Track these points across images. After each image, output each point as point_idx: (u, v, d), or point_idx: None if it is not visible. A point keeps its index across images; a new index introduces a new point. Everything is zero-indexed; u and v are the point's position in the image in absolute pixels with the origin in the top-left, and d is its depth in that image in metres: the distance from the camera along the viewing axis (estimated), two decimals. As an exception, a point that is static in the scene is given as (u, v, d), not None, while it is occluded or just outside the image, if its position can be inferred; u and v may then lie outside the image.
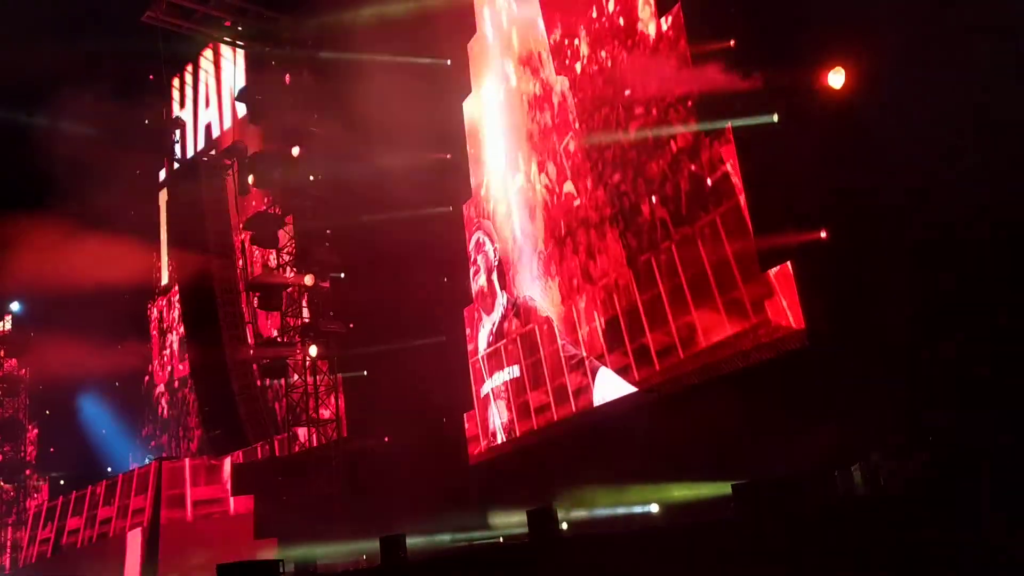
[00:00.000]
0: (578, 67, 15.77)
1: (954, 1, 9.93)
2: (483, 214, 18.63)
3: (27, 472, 31.70)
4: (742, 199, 12.22)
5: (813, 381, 11.07)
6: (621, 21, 14.80)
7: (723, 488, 9.59)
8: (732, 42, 12.17)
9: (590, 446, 14.42)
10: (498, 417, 16.94)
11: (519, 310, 17.18)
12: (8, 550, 30.85)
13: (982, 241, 9.57)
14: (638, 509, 12.75)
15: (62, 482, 30.98)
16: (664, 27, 13.84)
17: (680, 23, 13.53)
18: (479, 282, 18.48)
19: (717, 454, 11.37)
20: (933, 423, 9.54)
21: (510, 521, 13.28)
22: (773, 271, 11.73)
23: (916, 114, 9.96)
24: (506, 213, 17.79)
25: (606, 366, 14.75)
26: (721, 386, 12.42)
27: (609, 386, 14.69)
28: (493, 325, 17.87)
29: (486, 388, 17.75)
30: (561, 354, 15.90)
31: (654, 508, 12.67)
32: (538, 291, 16.71)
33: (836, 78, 10.93)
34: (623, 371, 14.38)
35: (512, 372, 17.18)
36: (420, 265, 18.69)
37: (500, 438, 17.25)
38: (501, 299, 17.69)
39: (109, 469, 29.46)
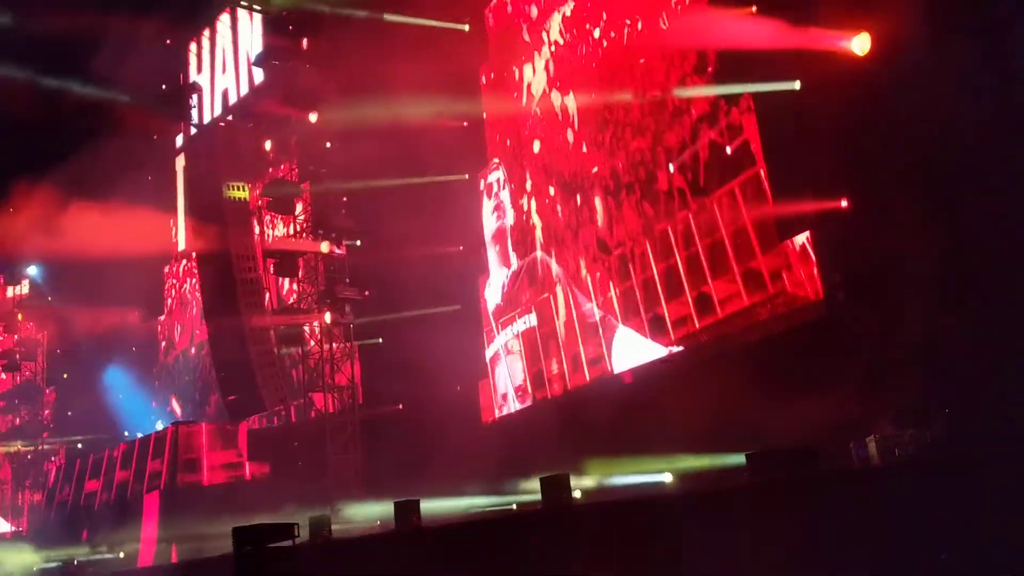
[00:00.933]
0: (596, 32, 15.60)
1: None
2: (499, 182, 18.56)
3: (44, 435, 31.99)
4: (761, 168, 12.11)
5: (830, 352, 11.01)
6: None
7: (736, 459, 9.57)
8: (753, 7, 11.99)
9: (604, 415, 14.39)
10: (508, 379, 16.75)
11: (533, 276, 17.14)
12: (26, 512, 31.22)
13: (1003, 213, 9.46)
14: (651, 478, 12.74)
15: (79, 445, 31.26)
16: (685, -7, 13.67)
17: (701, -11, 13.36)
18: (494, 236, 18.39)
19: (731, 424, 11.33)
20: (949, 395, 9.48)
21: (523, 488, 13.30)
22: (792, 241, 11.64)
23: (940, 85, 9.82)
24: (521, 178, 17.71)
25: (621, 336, 14.72)
26: (737, 356, 12.38)
27: (624, 356, 14.67)
28: (503, 285, 17.85)
29: (493, 348, 17.69)
30: (576, 323, 15.88)
31: (667, 477, 12.67)
32: (552, 259, 16.66)
33: (860, 44, 10.75)
34: (638, 341, 14.35)
35: (525, 339, 17.18)
36: (436, 233, 18.66)
37: (512, 403, 17.28)
38: (513, 260, 17.64)
39: (126, 433, 29.70)
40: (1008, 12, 9.64)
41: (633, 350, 14.45)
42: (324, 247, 19.86)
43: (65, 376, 32.62)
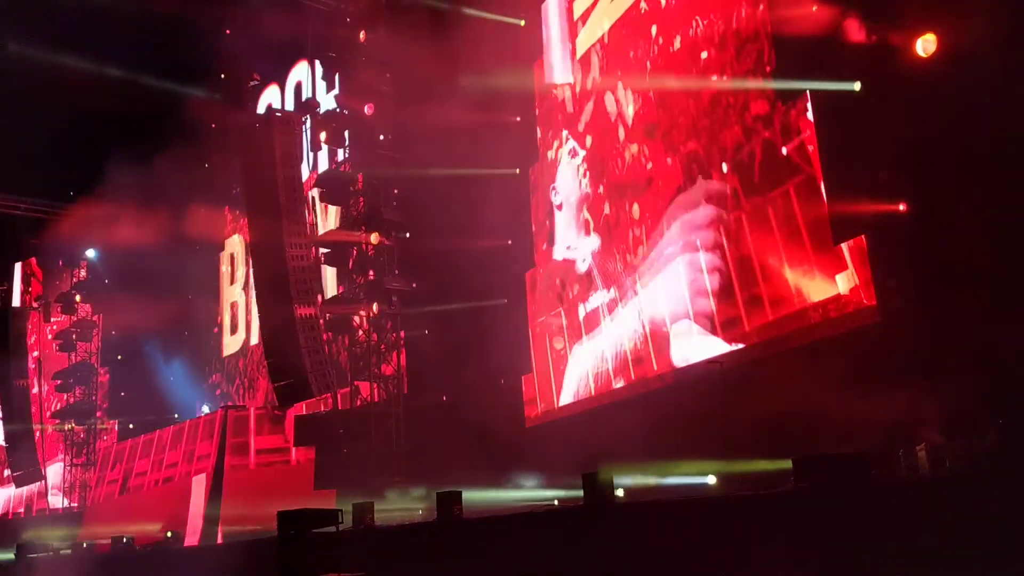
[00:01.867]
0: (653, 29, 15.51)
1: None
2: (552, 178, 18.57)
3: (98, 415, 32.69)
4: (817, 170, 11.95)
5: (882, 359, 10.85)
6: (700, -15, 14.51)
7: (783, 464, 9.45)
8: (814, 7, 11.83)
9: (650, 415, 14.34)
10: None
11: (583, 275, 17.13)
12: (77, 489, 31.94)
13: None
14: (695, 480, 12.66)
15: (131, 426, 31.92)
16: (744, -8, 13.53)
17: (761, -13, 13.21)
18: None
19: (778, 428, 11.22)
20: (1003, 406, 9.29)
21: (565, 484, 13.31)
22: (846, 244, 11.48)
23: (1006, 90, 9.61)
24: (572, 176, 17.67)
25: (668, 336, 14.64)
26: (787, 359, 12.24)
27: (670, 356, 14.59)
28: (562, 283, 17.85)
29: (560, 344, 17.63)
30: (623, 322, 15.83)
31: (711, 480, 12.57)
32: (601, 258, 16.62)
33: (925, 45, 10.54)
34: (686, 342, 14.27)
35: (577, 334, 17.19)
36: (485, 227, 18.72)
37: (560, 398, 17.29)
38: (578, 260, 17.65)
39: (176, 415, 30.26)
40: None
41: (680, 351, 14.36)
42: (374, 238, 20.02)
43: (119, 358, 33.29)
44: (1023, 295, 9.41)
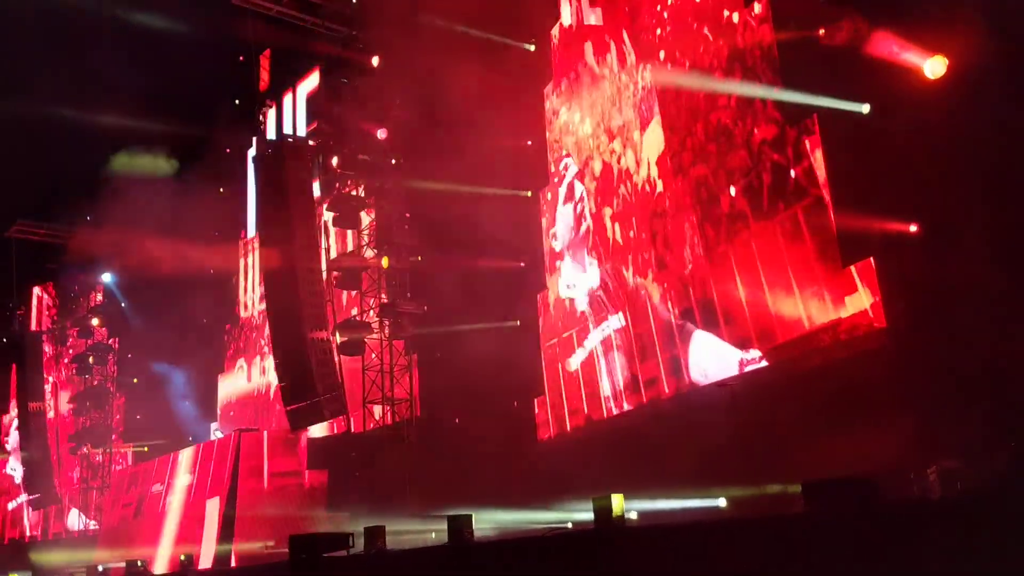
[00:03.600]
0: (661, 55, 15.62)
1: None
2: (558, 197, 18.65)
3: (113, 438, 32.86)
4: (826, 192, 11.98)
5: (893, 382, 10.82)
6: (705, 8, 14.61)
7: (793, 487, 9.43)
8: (821, 31, 11.89)
9: (661, 438, 14.33)
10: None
11: (592, 297, 17.17)
12: (92, 511, 32.07)
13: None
14: (705, 503, 12.63)
15: (146, 449, 32.06)
16: (751, 14, 13.61)
17: (767, 10, 13.30)
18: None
19: (788, 451, 11.20)
20: (1016, 427, 9.25)
21: (578, 508, 13.29)
22: (855, 267, 11.50)
23: (1014, 113, 9.65)
24: (580, 198, 17.76)
25: (679, 358, 14.65)
26: (797, 382, 12.23)
27: (682, 378, 14.59)
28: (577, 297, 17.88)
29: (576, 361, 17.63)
30: (633, 344, 15.85)
31: (722, 502, 12.55)
32: (596, 283, 16.69)
33: (935, 67, 10.58)
34: (696, 364, 14.27)
35: (589, 356, 17.21)
36: (497, 249, 18.81)
37: (570, 420, 17.29)
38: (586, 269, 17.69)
39: (191, 438, 30.38)
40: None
41: (692, 373, 14.36)
42: (385, 262, 20.15)
43: (135, 381, 33.49)
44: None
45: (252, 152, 29.23)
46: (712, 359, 13.93)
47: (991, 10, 9.72)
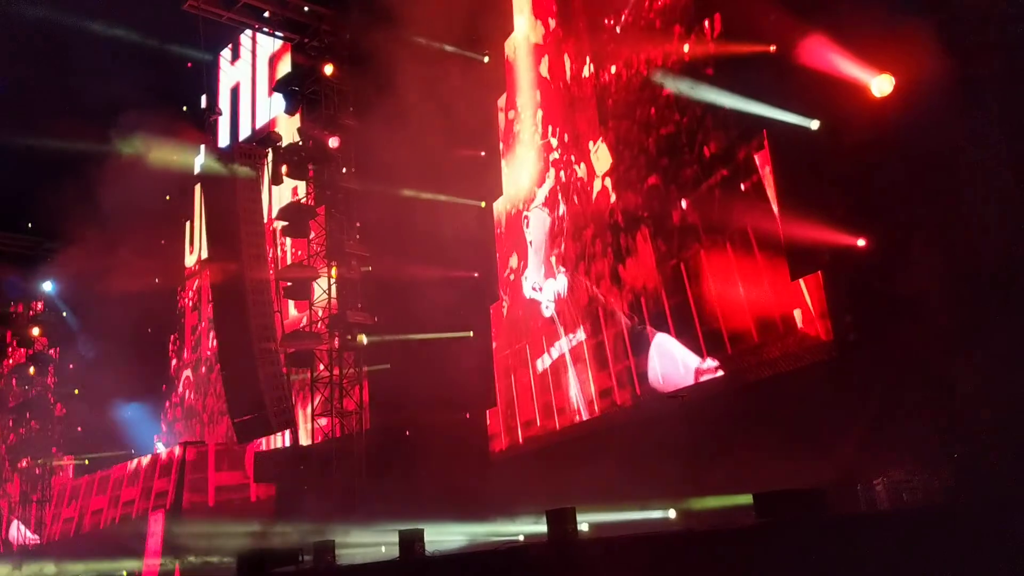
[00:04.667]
0: (613, 69, 15.72)
1: (1003, 18, 9.82)
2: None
3: (53, 450, 32.08)
4: (775, 206, 12.14)
5: (840, 393, 10.97)
6: (657, 25, 14.74)
7: (743, 499, 9.51)
8: (772, 47, 12.05)
9: (611, 450, 14.37)
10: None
11: (547, 320, 17.16)
12: (33, 527, 31.25)
13: (1018, 258, 9.45)
14: (656, 514, 12.68)
15: (87, 462, 31.33)
16: (703, 33, 13.76)
17: (718, 29, 13.46)
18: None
19: (738, 463, 11.28)
20: (960, 440, 9.43)
21: (529, 521, 13.26)
22: (804, 280, 11.64)
23: (959, 131, 9.87)
24: (538, 208, 17.77)
25: (632, 370, 14.71)
26: (748, 395, 12.34)
27: (634, 390, 14.65)
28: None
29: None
30: (586, 355, 15.88)
31: (672, 514, 12.61)
32: (563, 291, 16.69)
33: (882, 85, 10.78)
34: (648, 375, 14.34)
35: (541, 369, 17.19)
36: (450, 260, 18.73)
37: (532, 432, 17.21)
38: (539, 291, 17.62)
39: (133, 451, 29.77)
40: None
41: (648, 376, 14.42)
42: (334, 272, 19.95)
43: (76, 392, 32.73)
44: (977, 329, 9.58)
45: (200, 160, 28.84)
46: (670, 364, 13.96)
47: (936, 30, 9.93)
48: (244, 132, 28.42)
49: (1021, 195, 9.53)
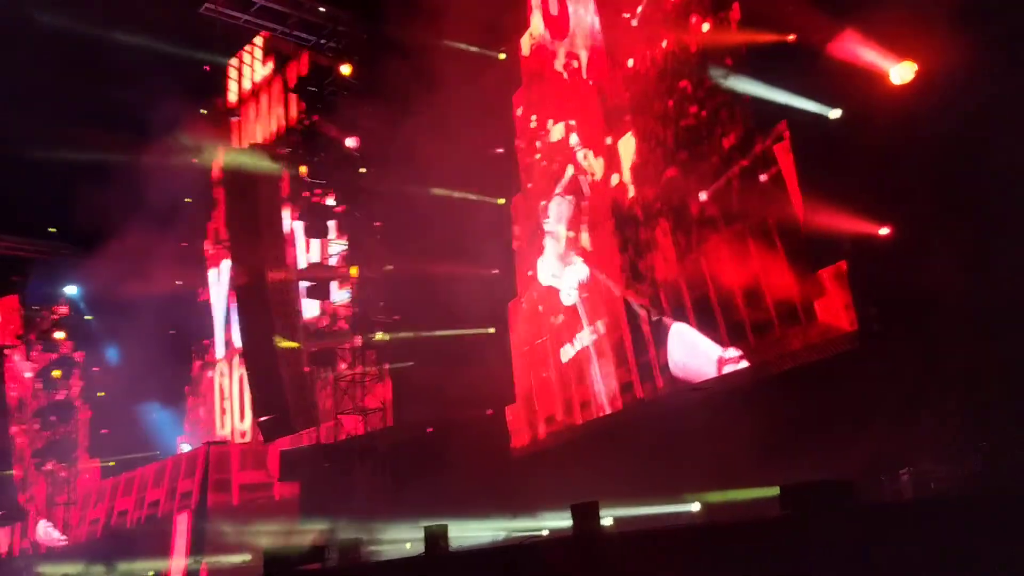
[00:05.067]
0: (630, 62, 15.68)
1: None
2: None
3: (78, 452, 32.37)
4: (796, 197, 12.07)
5: (865, 384, 10.90)
6: (675, 16, 14.69)
7: (770, 491, 9.47)
8: (792, 36, 11.99)
9: (634, 444, 14.36)
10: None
11: (569, 308, 17.14)
12: (59, 528, 31.56)
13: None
14: (680, 508, 12.67)
15: (112, 463, 31.60)
16: (721, 23, 13.71)
17: (737, 18, 13.39)
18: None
19: (764, 455, 11.25)
20: (986, 429, 9.37)
21: (554, 516, 13.28)
22: (826, 271, 11.58)
23: (982, 119, 9.79)
24: (559, 206, 17.74)
25: (652, 362, 14.68)
26: (771, 386, 12.29)
27: (656, 383, 14.62)
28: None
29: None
30: (609, 350, 15.86)
31: (696, 507, 12.59)
32: (584, 278, 16.66)
33: (903, 72, 10.71)
34: (670, 368, 14.31)
35: (561, 363, 17.18)
36: (469, 257, 18.76)
37: (544, 427, 17.20)
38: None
39: (158, 452, 29.99)
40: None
41: (670, 367, 14.38)
42: (354, 271, 20.04)
43: (100, 395, 33.02)
44: (1001, 319, 9.51)
45: (218, 162, 29.01)
46: (691, 353, 13.89)
47: (958, 16, 9.86)
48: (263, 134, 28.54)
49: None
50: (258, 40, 27.98)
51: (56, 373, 32.20)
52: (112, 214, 26.43)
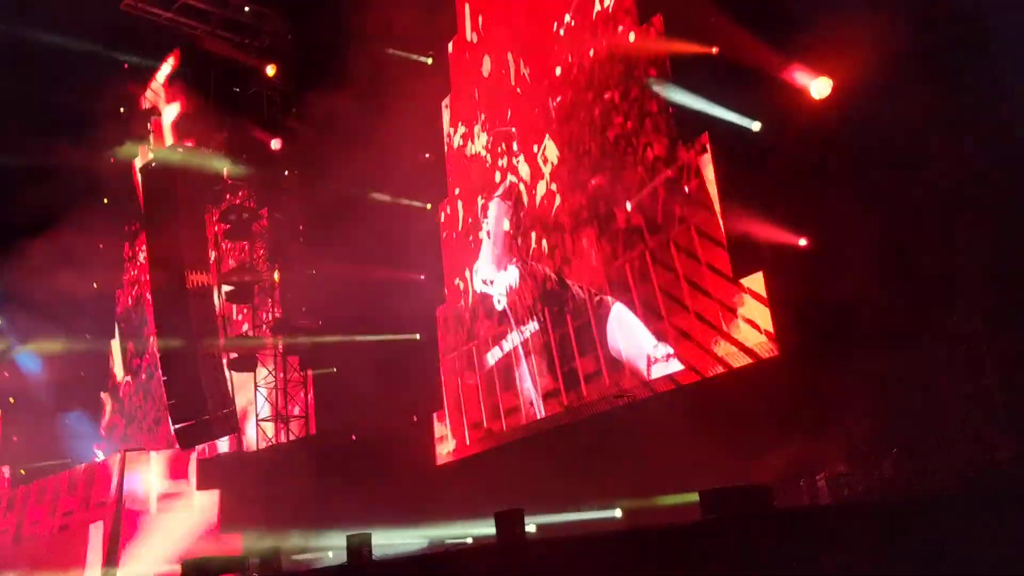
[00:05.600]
0: (558, 70, 15.79)
1: (935, 21, 10.08)
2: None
3: (-13, 461, 31.20)
4: (717, 206, 12.29)
5: (783, 390, 11.14)
6: (601, 27, 14.85)
7: (689, 497, 9.59)
8: (715, 49, 12.21)
9: (558, 450, 14.42)
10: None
11: (500, 313, 17.15)
12: (-33, 538, 30.35)
13: (955, 251, 9.69)
14: (602, 514, 12.76)
15: (23, 472, 30.51)
16: (645, 34, 13.90)
17: (661, 31, 13.60)
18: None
19: (684, 462, 11.39)
20: (898, 435, 9.65)
21: (478, 523, 13.26)
22: (746, 280, 11.80)
23: (895, 127, 10.10)
24: (496, 211, 17.73)
25: (577, 370, 14.78)
26: (691, 393, 12.47)
27: (579, 391, 14.71)
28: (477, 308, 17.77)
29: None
30: (533, 357, 15.91)
31: (618, 513, 12.70)
32: (515, 283, 16.68)
33: (820, 87, 11.01)
34: (594, 376, 14.41)
35: (488, 370, 17.16)
36: (396, 263, 18.64)
37: (478, 435, 17.17)
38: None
39: (71, 460, 29.07)
40: (965, 61, 9.95)
41: (588, 384, 14.49)
42: (276, 275, 19.76)
43: (11, 400, 31.90)
44: (916, 328, 9.80)
45: (139, 162, 28.29)
46: (629, 338, 13.95)
47: (871, 32, 10.15)
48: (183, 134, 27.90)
49: (959, 191, 9.78)
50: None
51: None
52: (26, 213, 25.58)
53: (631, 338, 13.78)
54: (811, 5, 10.84)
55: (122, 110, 26.36)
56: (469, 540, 13.81)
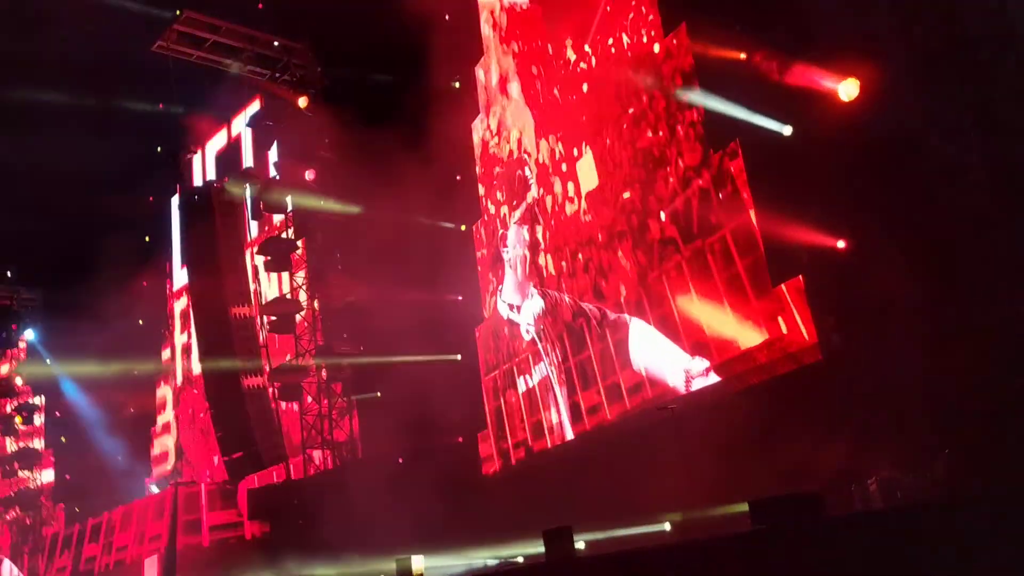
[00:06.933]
0: (585, 87, 15.84)
1: (960, 14, 9.99)
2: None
3: (43, 499, 31.73)
4: (752, 213, 12.23)
5: (829, 395, 11.03)
6: (626, 40, 14.88)
7: (739, 507, 9.51)
8: (742, 55, 12.19)
9: (604, 466, 14.36)
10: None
11: (529, 343, 17.15)
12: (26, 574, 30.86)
13: (992, 253, 9.56)
14: (651, 528, 12.67)
15: (78, 509, 31.00)
16: (671, 42, 13.89)
17: (686, 40, 13.59)
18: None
19: (731, 471, 11.30)
20: (949, 435, 9.49)
21: (527, 542, 13.22)
22: (785, 285, 11.71)
23: (926, 126, 10.01)
24: (515, 224, 17.80)
25: (620, 384, 14.72)
26: (735, 401, 12.37)
27: (623, 404, 14.65)
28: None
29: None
30: (573, 372, 15.88)
31: (667, 526, 12.60)
32: (541, 311, 16.71)
33: (848, 89, 10.95)
34: (636, 389, 14.35)
35: (529, 387, 17.17)
36: (433, 285, 18.74)
37: (522, 454, 17.14)
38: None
39: (125, 496, 29.47)
40: (990, 58, 9.84)
41: (631, 397, 14.43)
42: (316, 304, 19.95)
43: (63, 440, 32.46)
44: (957, 326, 9.66)
45: (176, 199, 28.79)
46: (653, 357, 13.93)
47: (896, 32, 10.09)
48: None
49: (990, 187, 9.65)
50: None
51: (18, 419, 31.52)
52: (70, 255, 26.13)
53: (659, 358, 13.75)
54: (834, 6, 10.79)
55: (159, 148, 26.78)
56: (519, 559, 13.77)
